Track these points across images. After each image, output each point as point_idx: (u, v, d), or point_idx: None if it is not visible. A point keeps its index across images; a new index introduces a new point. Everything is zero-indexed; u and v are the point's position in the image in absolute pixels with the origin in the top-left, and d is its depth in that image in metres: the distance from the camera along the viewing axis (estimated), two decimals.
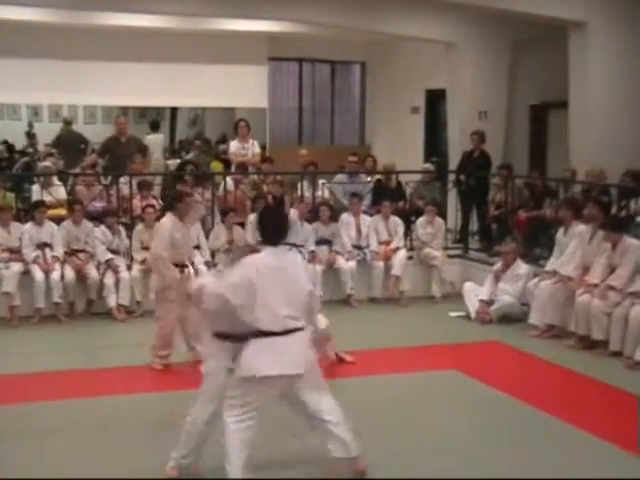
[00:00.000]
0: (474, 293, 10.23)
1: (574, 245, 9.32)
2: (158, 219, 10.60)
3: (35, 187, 11.14)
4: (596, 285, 8.73)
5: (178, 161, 14.52)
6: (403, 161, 13.88)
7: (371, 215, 11.47)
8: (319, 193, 11.73)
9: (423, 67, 15.55)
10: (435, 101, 15.76)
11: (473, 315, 10.04)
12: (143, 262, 10.04)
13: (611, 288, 8.64)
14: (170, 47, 15.02)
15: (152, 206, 10.53)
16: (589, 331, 8.66)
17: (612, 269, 8.80)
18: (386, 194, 11.84)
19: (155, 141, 15.22)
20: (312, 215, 11.21)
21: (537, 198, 11.25)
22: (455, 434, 6.23)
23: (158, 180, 12.36)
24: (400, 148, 15.96)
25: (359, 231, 11.21)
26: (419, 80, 15.80)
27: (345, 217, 11.26)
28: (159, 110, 17.48)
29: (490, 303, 9.97)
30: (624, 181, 10.23)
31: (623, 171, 10.31)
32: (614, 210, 9.92)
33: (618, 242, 8.78)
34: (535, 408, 6.51)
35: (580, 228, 9.34)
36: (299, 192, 11.56)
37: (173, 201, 8.01)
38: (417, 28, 13.32)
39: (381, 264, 10.98)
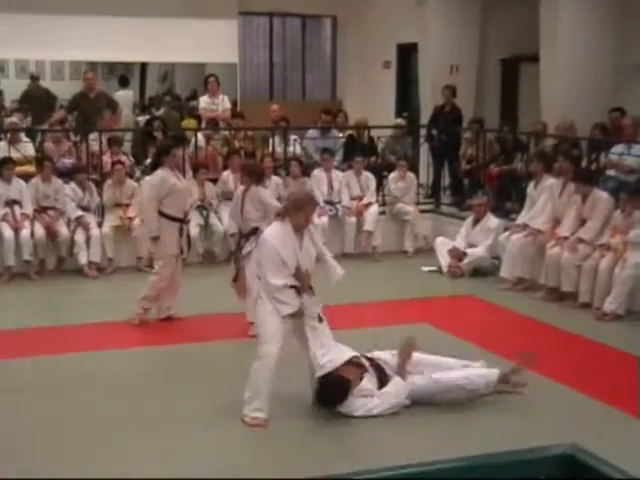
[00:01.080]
0: (446, 247, 10.28)
1: (544, 198, 9.38)
2: (128, 175, 10.59)
3: (2, 144, 10.97)
4: (566, 238, 8.81)
5: (148, 117, 14.37)
6: (375, 116, 13.81)
7: (343, 170, 11.45)
8: (291, 149, 11.68)
9: (394, 21, 15.41)
10: (407, 55, 15.65)
11: (445, 269, 10.10)
12: (119, 219, 10.03)
13: (581, 241, 8.73)
14: (139, 1, 14.77)
15: (121, 162, 10.44)
16: (559, 283, 8.76)
17: (582, 222, 8.88)
18: (358, 149, 11.82)
19: (124, 97, 15.03)
20: (284, 171, 11.19)
21: (508, 152, 11.28)
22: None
23: (128, 136, 12.25)
24: (372, 103, 15.87)
25: (331, 187, 11.20)
26: (390, 34, 15.67)
27: (317, 173, 11.24)
28: (128, 66, 17.19)
29: (461, 257, 10.03)
30: (594, 134, 10.27)
31: (593, 124, 10.35)
32: (584, 163, 9.98)
33: (588, 195, 8.85)
34: (503, 358, 6.58)
35: (550, 182, 9.39)
36: (270, 148, 11.51)
37: (160, 155, 7.94)
38: None
39: (353, 219, 10.99)
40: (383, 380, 5.85)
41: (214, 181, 10.80)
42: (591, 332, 7.73)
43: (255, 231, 7.41)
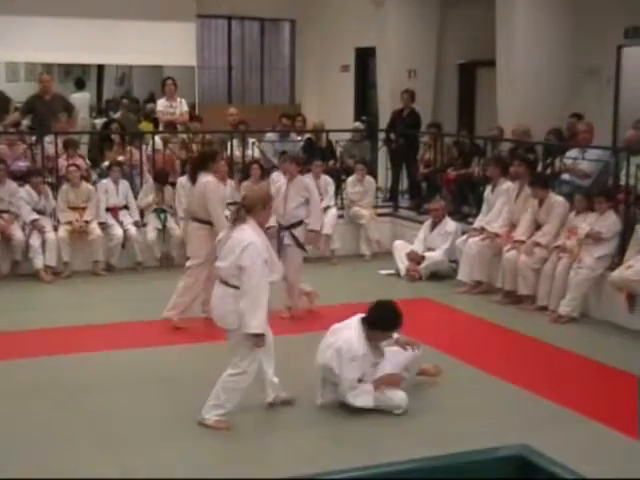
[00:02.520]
0: (404, 251, 10.32)
1: (501, 202, 9.47)
2: (84, 178, 10.48)
3: None
4: (523, 242, 8.89)
5: (105, 120, 14.25)
6: (333, 120, 13.84)
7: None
8: (249, 152, 11.65)
9: (353, 25, 15.46)
10: (365, 59, 15.71)
11: (403, 273, 10.14)
12: (69, 223, 9.91)
13: (537, 244, 8.81)
14: (96, 2, 14.63)
15: (77, 165, 10.34)
16: (516, 287, 8.83)
17: (538, 226, 8.97)
18: (316, 153, 11.82)
19: (81, 100, 14.89)
20: (242, 174, 11.16)
21: (465, 156, 11.35)
22: None
23: (85, 139, 12.13)
24: (330, 107, 15.91)
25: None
26: (349, 38, 15.72)
27: (275, 176, 11.18)
28: (85, 68, 17.05)
29: (419, 261, 10.08)
30: (549, 139, 10.38)
31: (548, 129, 10.46)
32: (540, 168, 10.08)
33: (544, 199, 8.94)
34: (461, 361, 6.63)
35: (507, 185, 9.48)
36: (229, 151, 11.47)
37: (207, 161, 8.02)
38: None
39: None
40: None
41: (172, 184, 10.72)
42: (546, 334, 7.81)
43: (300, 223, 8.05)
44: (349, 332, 5.86)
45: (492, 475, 1.83)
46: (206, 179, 7.86)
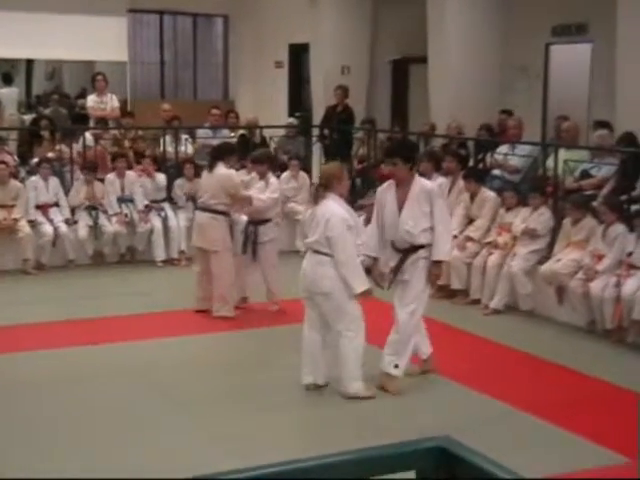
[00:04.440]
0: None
1: None
2: (13, 175, 10.27)
3: None
4: (455, 236, 8.98)
5: (34, 116, 13.99)
6: (268, 116, 13.81)
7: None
8: (182, 148, 11.55)
9: (286, 21, 15.44)
10: (299, 55, 15.70)
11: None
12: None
13: (470, 239, 8.92)
14: None
15: (5, 162, 10.13)
16: (449, 281, 8.92)
17: (470, 220, 9.08)
18: (251, 149, 11.76)
19: (8, 95, 14.61)
20: (175, 171, 11.06)
21: None
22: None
23: (13, 135, 11.89)
24: (264, 103, 15.87)
25: None
26: (283, 34, 15.70)
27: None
28: (13, 62, 16.72)
29: None
30: (480, 135, 10.52)
31: (479, 125, 10.60)
32: (471, 163, 10.21)
33: (477, 194, 9.06)
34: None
35: (439, 180, 9.56)
36: (161, 147, 11.36)
37: (224, 153, 8.21)
38: None
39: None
40: None
41: (102, 180, 10.58)
42: (479, 327, 7.91)
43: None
44: (329, 208, 6.03)
45: (413, 467, 1.85)
46: (224, 170, 8.01)
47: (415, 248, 6.20)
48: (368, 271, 6.27)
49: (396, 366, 6.22)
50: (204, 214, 8.13)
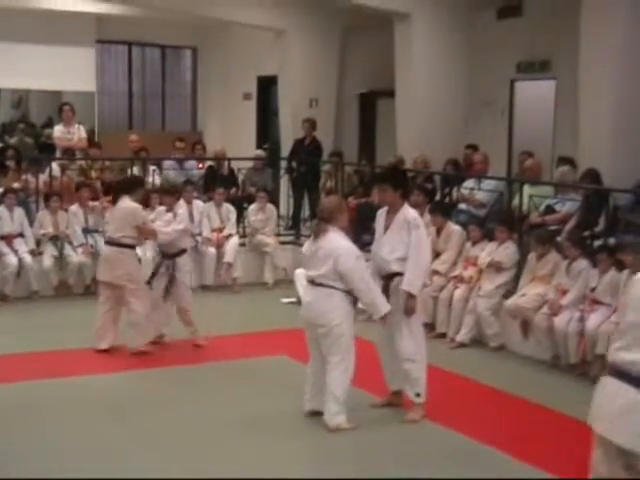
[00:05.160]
0: (305, 279, 10.32)
1: None
2: None
3: None
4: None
5: (0, 145, 13.88)
6: (236, 147, 13.84)
7: (204, 202, 11.37)
8: (150, 179, 11.52)
9: (255, 53, 15.54)
10: (267, 87, 15.79)
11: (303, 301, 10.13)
12: None
13: (436, 272, 8.97)
14: None
15: None
16: (432, 318, 8.92)
17: (436, 254, 9.13)
18: (218, 181, 11.78)
19: None
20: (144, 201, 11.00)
21: (366, 185, 11.50)
22: (275, 415, 6.38)
23: None
24: (232, 134, 15.91)
25: (192, 218, 11.04)
26: (251, 66, 15.79)
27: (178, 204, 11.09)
28: None
29: None
30: (447, 169, 10.62)
31: (446, 159, 10.71)
32: (438, 197, 10.29)
33: (443, 228, 9.13)
34: (360, 389, 6.67)
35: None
36: None
37: (134, 186, 8.14)
38: (245, 14, 13.24)
39: (213, 251, 10.93)
40: None
41: (66, 211, 10.50)
42: (445, 361, 7.92)
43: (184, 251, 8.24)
44: (335, 242, 6.07)
45: None
46: (130, 203, 7.88)
47: (391, 276, 6.26)
48: None
49: (417, 395, 6.32)
50: (111, 248, 7.98)
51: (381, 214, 6.58)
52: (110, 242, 8.04)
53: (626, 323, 3.75)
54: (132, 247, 7.98)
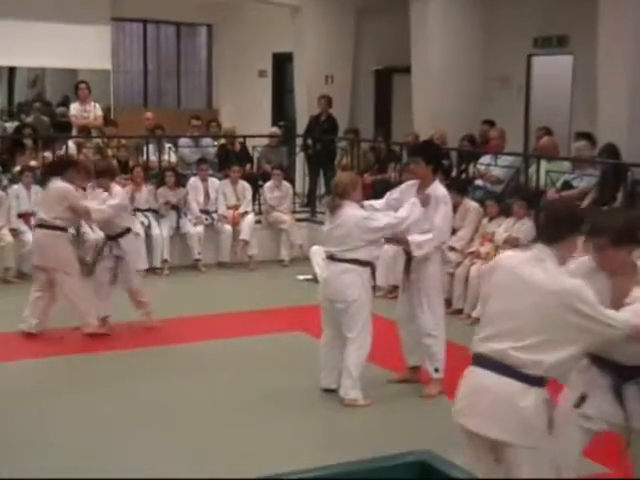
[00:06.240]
0: (321, 256, 10.33)
1: None
2: None
3: None
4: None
5: (17, 124, 13.92)
6: (251, 125, 13.82)
7: (220, 179, 11.39)
8: (165, 157, 11.54)
9: (270, 30, 15.46)
10: (282, 64, 15.73)
11: (320, 278, 10.15)
12: None
13: (452, 249, 8.94)
14: (8, 3, 14.29)
15: None
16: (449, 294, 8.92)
17: (452, 230, 9.09)
18: (233, 158, 11.77)
19: None
20: (158, 180, 11.06)
21: (382, 162, 11.47)
22: (291, 392, 6.41)
23: None
24: (248, 112, 15.87)
25: (207, 195, 11.11)
26: (266, 43, 15.72)
27: (193, 181, 11.14)
28: None
29: None
30: (463, 145, 10.57)
31: (462, 136, 10.65)
32: (454, 174, 10.25)
33: (459, 204, 9.10)
34: (378, 366, 6.68)
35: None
36: (145, 156, 11.35)
37: (64, 167, 7.91)
38: None
39: (229, 228, 10.95)
40: None
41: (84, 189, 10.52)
42: (461, 337, 7.91)
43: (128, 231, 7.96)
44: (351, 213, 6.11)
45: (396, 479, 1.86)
46: (61, 184, 7.68)
47: None
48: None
49: (436, 370, 6.36)
50: (42, 231, 7.75)
51: (410, 187, 6.48)
52: (42, 225, 7.76)
53: (491, 312, 3.74)
54: (64, 229, 7.78)
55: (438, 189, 6.37)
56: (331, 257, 6.22)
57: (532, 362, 3.51)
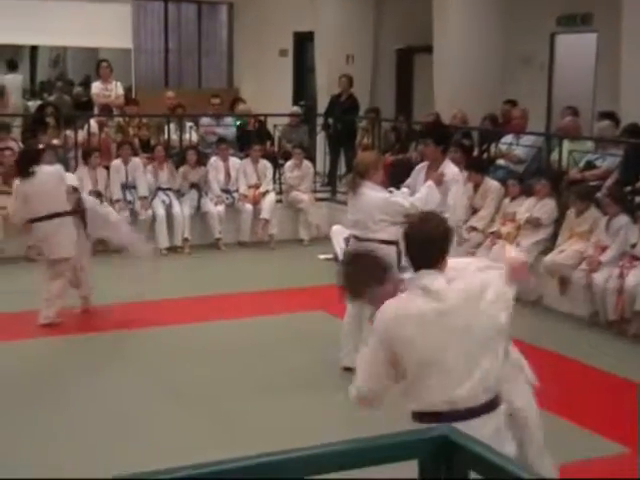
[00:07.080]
0: (342, 235, 10.33)
1: None
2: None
3: None
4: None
5: (39, 102, 13.99)
6: (272, 104, 13.79)
7: (241, 158, 11.40)
8: (187, 136, 11.55)
9: (291, 9, 15.41)
10: (303, 44, 15.67)
11: (341, 257, 10.15)
12: (3, 208, 9.69)
13: (473, 229, 8.93)
14: None
15: (10, 149, 10.13)
16: None
17: (473, 210, 9.09)
18: (252, 137, 11.78)
19: (13, 81, 14.57)
20: (179, 159, 11.08)
21: (403, 141, 11.44)
22: (312, 370, 6.43)
23: (18, 122, 11.89)
24: (269, 91, 15.85)
25: (228, 175, 11.13)
26: (287, 22, 15.67)
27: (214, 161, 11.15)
28: (17, 49, 16.70)
29: None
30: (484, 125, 10.51)
31: (484, 115, 10.59)
32: (475, 153, 10.20)
33: (480, 184, 9.07)
34: None
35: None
36: (166, 135, 11.37)
37: (38, 155, 7.84)
38: None
39: (250, 207, 10.96)
40: None
41: (107, 168, 10.59)
42: None
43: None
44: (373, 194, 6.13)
45: (416, 456, 1.87)
46: (51, 168, 7.62)
47: None
48: None
49: None
50: (52, 222, 7.46)
51: (420, 169, 6.54)
52: (49, 216, 7.46)
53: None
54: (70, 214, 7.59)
55: (449, 168, 6.40)
56: (356, 237, 6.27)
57: None
